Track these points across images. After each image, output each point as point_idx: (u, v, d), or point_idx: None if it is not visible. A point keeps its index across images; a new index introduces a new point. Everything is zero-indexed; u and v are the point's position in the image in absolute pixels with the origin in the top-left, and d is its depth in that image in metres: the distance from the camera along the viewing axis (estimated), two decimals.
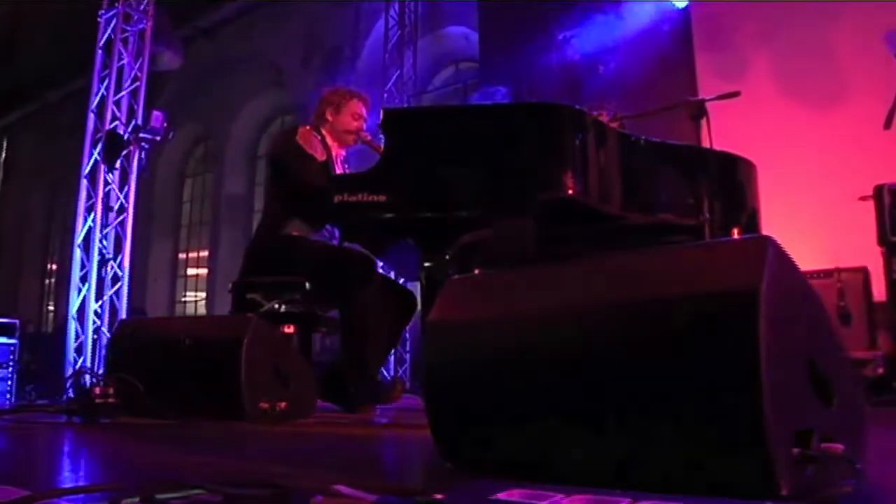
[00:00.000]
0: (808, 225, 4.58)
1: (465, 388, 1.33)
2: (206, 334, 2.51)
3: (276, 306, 3.09)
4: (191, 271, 13.38)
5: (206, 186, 13.38)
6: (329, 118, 3.49)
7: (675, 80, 6.94)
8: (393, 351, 6.16)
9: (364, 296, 3.05)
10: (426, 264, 2.58)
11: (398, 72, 9.53)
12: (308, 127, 3.47)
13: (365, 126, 3.58)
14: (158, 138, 5.50)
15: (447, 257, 2.53)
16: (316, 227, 3.30)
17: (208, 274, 12.66)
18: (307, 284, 3.10)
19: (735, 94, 3.08)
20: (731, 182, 3.21)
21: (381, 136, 2.66)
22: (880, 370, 3.75)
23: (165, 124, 5.50)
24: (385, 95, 9.50)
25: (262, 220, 3.42)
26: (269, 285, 3.11)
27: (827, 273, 4.00)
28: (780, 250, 1.08)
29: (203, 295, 12.76)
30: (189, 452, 1.74)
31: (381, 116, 2.56)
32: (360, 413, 2.97)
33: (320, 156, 3.38)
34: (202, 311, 12.82)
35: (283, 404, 2.51)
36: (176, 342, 2.55)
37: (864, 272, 4.03)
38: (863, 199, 4.31)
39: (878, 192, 3.91)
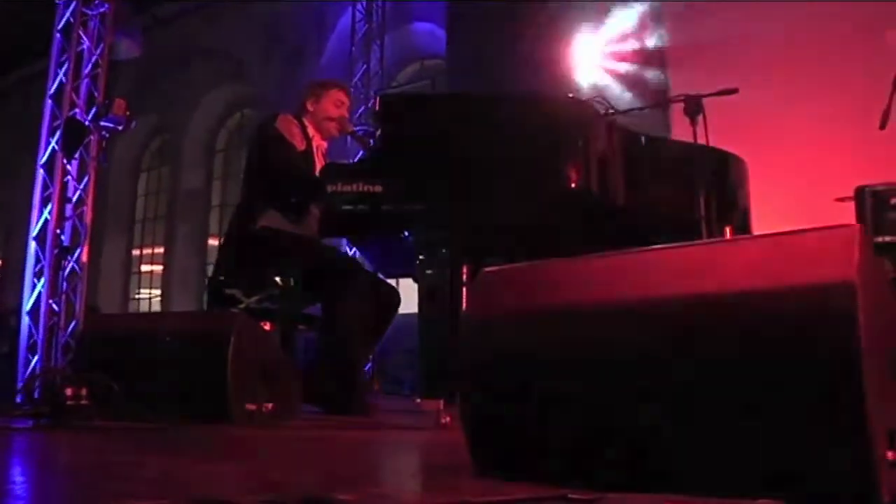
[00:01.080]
0: (786, 225, 4.58)
1: (509, 386, 1.22)
2: (188, 331, 2.35)
3: (256, 302, 2.94)
4: (145, 268, 12.97)
5: (163, 180, 13.00)
6: (310, 108, 3.35)
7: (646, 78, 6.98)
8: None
9: (352, 293, 2.92)
10: (421, 258, 2.46)
11: (364, 67, 9.37)
12: (289, 115, 3.32)
13: (347, 116, 3.45)
14: (121, 127, 5.25)
15: (445, 251, 2.41)
16: (293, 219, 3.16)
17: (164, 271, 12.30)
18: (291, 280, 2.95)
19: (733, 91, 3.03)
20: (724, 180, 3.17)
21: (362, 126, 2.56)
22: None
23: (128, 113, 5.25)
24: (351, 91, 9.33)
25: (238, 211, 3.26)
26: (249, 280, 2.95)
27: None
28: (866, 238, 1.00)
29: (158, 292, 12.38)
30: (186, 459, 1.59)
31: (377, 103, 2.43)
32: (350, 415, 2.84)
33: (300, 144, 3.23)
34: (157, 308, 12.44)
35: (269, 406, 2.37)
36: (153, 339, 2.39)
37: None
38: (840, 200, 4.35)
39: (860, 193, 3.92)
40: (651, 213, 2.86)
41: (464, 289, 3.51)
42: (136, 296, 12.93)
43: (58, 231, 5.12)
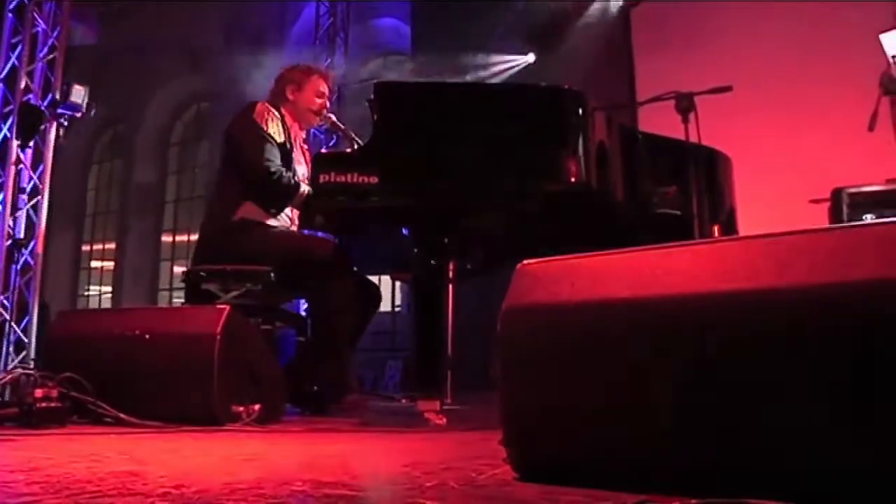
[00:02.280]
0: (759, 226, 4.61)
1: (559, 384, 1.13)
2: (170, 328, 2.19)
3: (235, 298, 2.79)
4: (95, 264, 12.52)
5: (115, 174, 12.56)
6: (290, 96, 3.21)
7: (613, 80, 6.98)
8: None
9: (339, 289, 2.80)
10: (416, 255, 2.35)
11: (328, 61, 9.20)
12: (266, 104, 3.17)
13: (329, 105, 3.32)
14: (80, 114, 4.99)
15: (441, 248, 2.31)
16: (272, 212, 3.02)
17: (115, 267, 11.88)
18: (272, 275, 2.82)
19: (727, 89, 3.01)
20: (713, 177, 3.15)
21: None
22: None
23: (87, 100, 5.00)
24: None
25: (214, 202, 3.10)
26: (227, 274, 2.80)
27: None
28: None
29: (109, 289, 11.96)
30: (177, 466, 1.46)
31: (374, 90, 2.32)
32: (336, 416, 2.72)
33: (279, 136, 3.10)
34: (107, 306, 12.01)
35: (256, 407, 2.23)
36: (130, 337, 2.23)
37: None
38: (814, 201, 4.39)
39: (836, 195, 3.96)
40: (646, 211, 2.81)
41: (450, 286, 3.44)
42: (86, 292, 12.47)
43: (10, 223, 4.85)
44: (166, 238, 11.99)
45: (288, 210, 3.07)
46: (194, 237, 11.58)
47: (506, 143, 2.32)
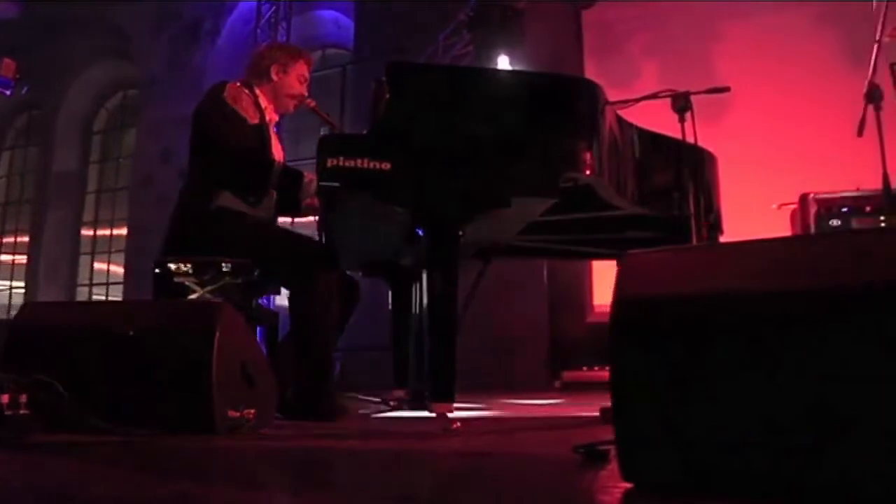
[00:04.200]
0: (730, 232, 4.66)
1: (683, 381, 1.02)
2: (159, 322, 1.96)
3: (212, 293, 2.56)
4: (5, 257, 11.69)
5: (30, 161, 11.76)
6: (274, 77, 2.98)
7: None
8: None
9: (325, 283, 2.61)
10: (432, 251, 2.19)
11: None
12: (238, 83, 2.94)
13: (307, 92, 3.11)
14: (9, 92, 4.57)
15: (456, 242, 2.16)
16: (251, 201, 2.80)
17: (28, 261, 11.11)
18: (255, 269, 2.60)
19: (725, 90, 2.98)
20: (703, 177, 3.12)
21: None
22: None
23: (18, 76, 4.59)
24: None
25: (187, 189, 2.85)
26: (206, 266, 2.57)
27: None
28: None
29: (21, 284, 11.17)
30: (178, 482, 1.26)
31: (386, 70, 2.15)
32: (321, 420, 2.52)
33: (252, 117, 2.87)
34: (18, 301, 11.22)
35: (252, 412, 2.03)
36: (110, 334, 1.98)
37: None
38: (779, 206, 4.47)
39: (804, 200, 4.03)
40: (650, 209, 2.75)
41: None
42: None
43: None
44: (86, 231, 11.32)
45: (266, 199, 2.87)
46: (118, 231, 11.05)
47: (524, 131, 2.20)
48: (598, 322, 6.58)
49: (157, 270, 2.62)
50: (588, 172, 2.29)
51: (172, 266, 2.59)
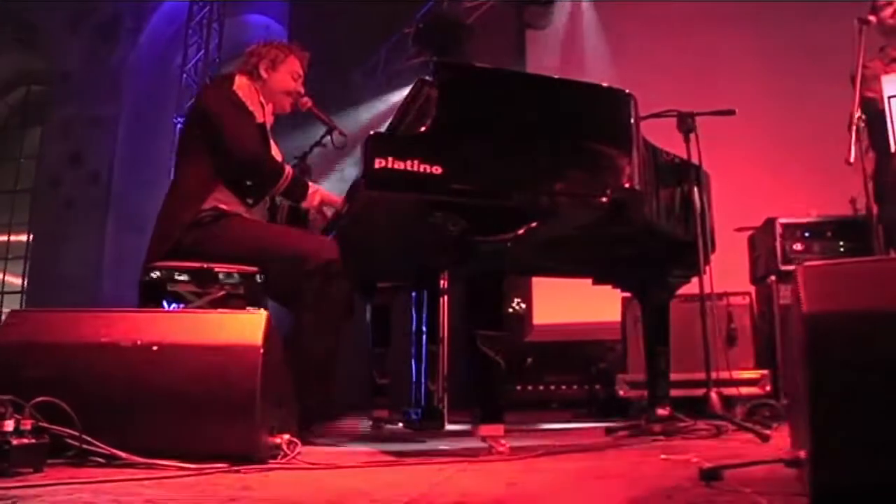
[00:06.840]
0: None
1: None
2: (190, 338, 1.71)
3: (211, 304, 2.32)
4: None
5: None
6: (264, 75, 2.78)
7: None
8: None
9: (336, 293, 2.42)
10: (473, 263, 2.06)
11: (202, 52, 8.46)
12: (245, 77, 2.73)
13: (303, 90, 2.92)
14: None
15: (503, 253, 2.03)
16: (248, 202, 2.59)
17: None
18: (257, 276, 2.38)
19: (730, 112, 3.00)
20: (703, 195, 3.13)
21: None
22: (768, 388, 3.95)
23: None
24: (184, 76, 8.39)
25: (177, 189, 2.59)
26: (205, 274, 2.32)
27: (718, 296, 4.12)
28: None
29: None
30: None
31: (434, 69, 2.02)
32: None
33: (259, 116, 2.68)
34: None
35: (286, 437, 1.81)
36: (127, 348, 1.72)
37: (749, 296, 4.25)
38: (739, 230, 4.58)
39: (769, 224, 4.14)
40: (662, 227, 2.72)
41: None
42: None
43: None
44: None
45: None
46: (15, 237, 10.19)
47: (571, 140, 2.12)
48: (539, 341, 6.55)
49: (145, 278, 2.36)
50: (627, 185, 2.22)
51: (163, 273, 2.34)
